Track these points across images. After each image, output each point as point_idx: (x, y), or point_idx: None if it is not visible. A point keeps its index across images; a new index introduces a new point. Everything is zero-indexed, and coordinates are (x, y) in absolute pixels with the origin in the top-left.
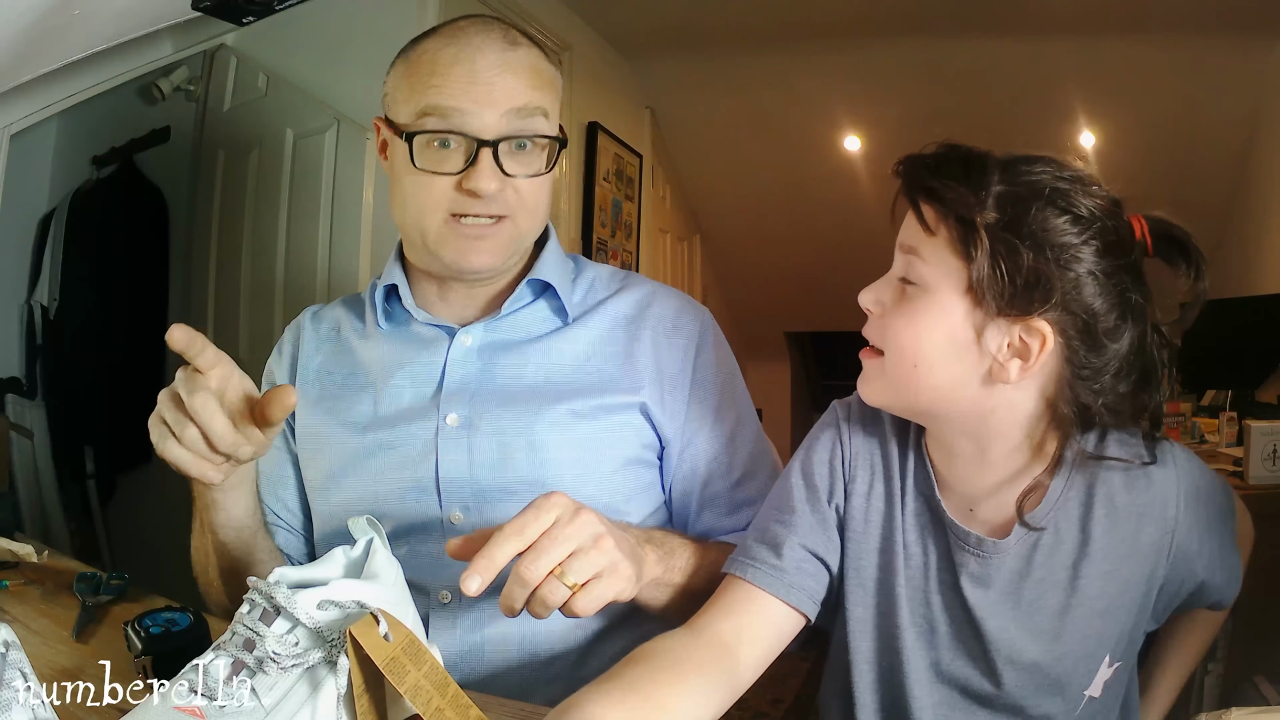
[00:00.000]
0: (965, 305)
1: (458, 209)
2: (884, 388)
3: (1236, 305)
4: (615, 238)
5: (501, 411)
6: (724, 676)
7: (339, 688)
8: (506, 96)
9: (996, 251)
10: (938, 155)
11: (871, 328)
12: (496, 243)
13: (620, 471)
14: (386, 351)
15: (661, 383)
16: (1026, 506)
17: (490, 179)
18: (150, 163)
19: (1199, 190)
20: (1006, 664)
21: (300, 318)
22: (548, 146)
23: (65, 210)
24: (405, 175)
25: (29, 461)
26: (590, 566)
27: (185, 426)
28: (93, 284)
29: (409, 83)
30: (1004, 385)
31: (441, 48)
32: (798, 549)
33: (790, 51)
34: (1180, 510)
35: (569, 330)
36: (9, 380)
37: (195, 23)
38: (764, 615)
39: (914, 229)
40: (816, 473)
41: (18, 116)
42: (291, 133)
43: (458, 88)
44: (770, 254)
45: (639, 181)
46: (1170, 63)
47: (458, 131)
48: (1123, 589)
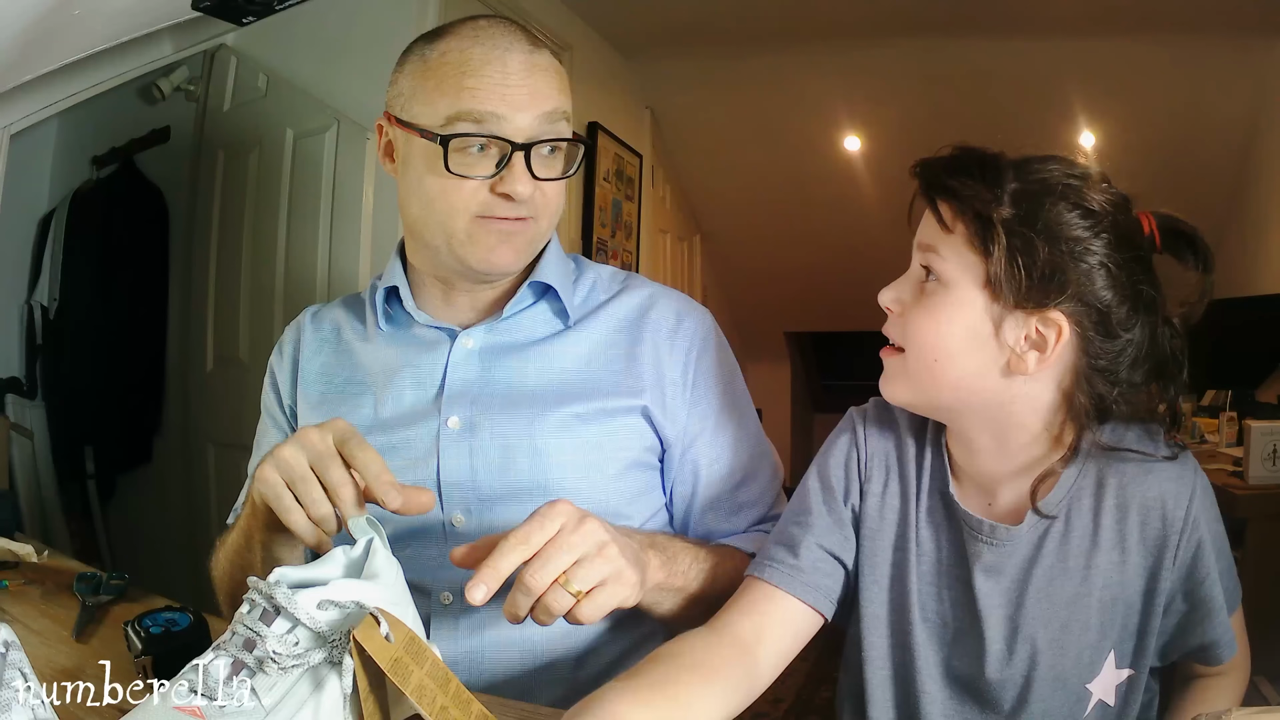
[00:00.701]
0: (984, 299)
1: (487, 211)
2: (906, 384)
3: (1236, 305)
4: (615, 238)
5: (503, 415)
6: (744, 676)
7: (344, 687)
8: (538, 100)
9: (1013, 245)
10: (953, 156)
11: (892, 326)
12: (521, 242)
13: (622, 475)
14: (388, 354)
15: (663, 386)
16: (1040, 493)
17: (526, 182)
18: (150, 163)
19: (1199, 190)
20: (1012, 656)
21: (300, 318)
22: (568, 149)
23: (65, 210)
24: (428, 176)
25: (29, 461)
26: (595, 574)
27: (320, 506)
28: (93, 284)
29: (435, 83)
30: (1022, 377)
31: (468, 47)
32: (815, 549)
33: (790, 51)
34: (1192, 514)
35: (570, 333)
36: (9, 380)
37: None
38: (782, 614)
39: (932, 227)
40: (833, 474)
41: (18, 116)
42: (291, 133)
43: (493, 91)
44: (770, 254)
45: (639, 181)
46: (1170, 63)
47: (495, 136)
48: (1128, 580)
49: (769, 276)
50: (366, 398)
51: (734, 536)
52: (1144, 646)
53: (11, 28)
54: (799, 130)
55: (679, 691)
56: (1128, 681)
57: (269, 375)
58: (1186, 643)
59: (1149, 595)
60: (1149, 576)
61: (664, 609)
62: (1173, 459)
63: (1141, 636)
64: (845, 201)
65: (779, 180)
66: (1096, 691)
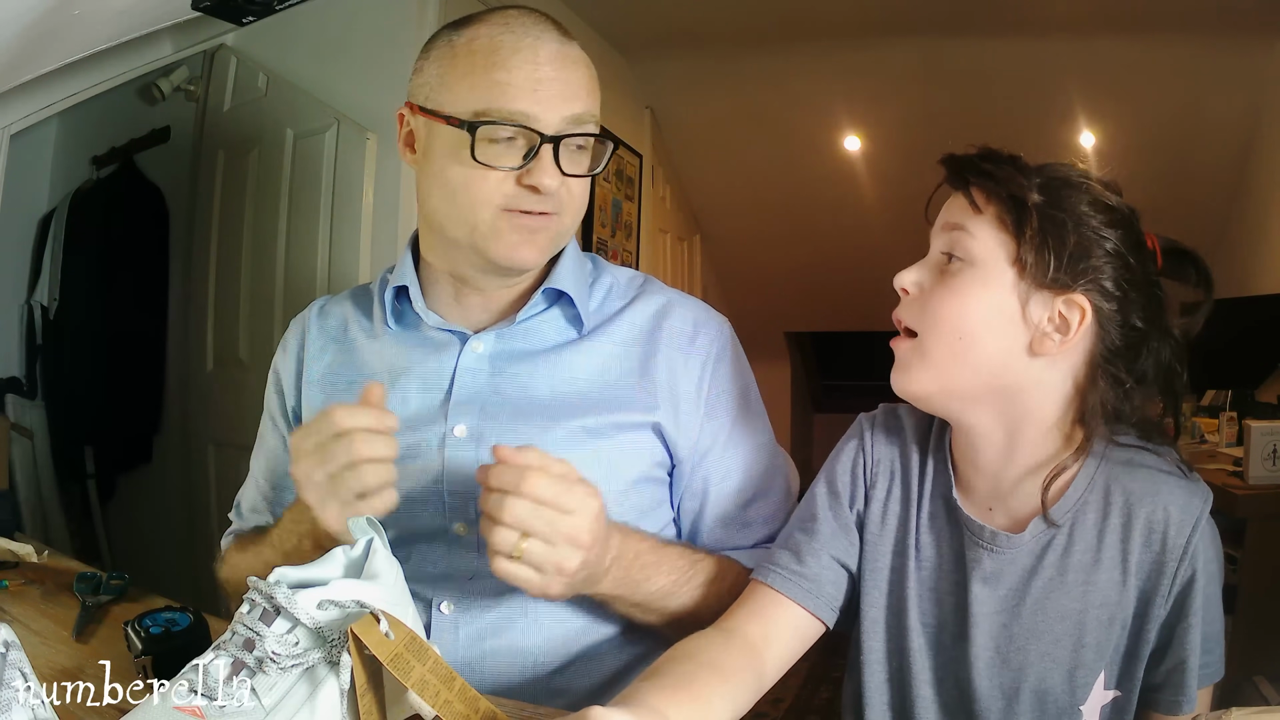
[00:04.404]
0: (1012, 275)
1: (513, 204)
2: (923, 370)
3: (1236, 305)
4: (615, 238)
5: (511, 425)
6: (753, 677)
7: (342, 685)
8: (570, 94)
9: (1044, 227)
10: (981, 151)
11: (908, 308)
12: (545, 238)
13: (630, 490)
14: (394, 353)
15: (676, 402)
16: (1051, 493)
17: (554, 175)
18: (150, 163)
19: (1199, 190)
20: (1006, 668)
21: (307, 312)
22: (595, 147)
23: (65, 210)
24: (453, 166)
25: (29, 461)
26: (542, 555)
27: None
28: (93, 284)
29: (463, 71)
30: (1041, 363)
31: (498, 34)
32: (820, 555)
33: (790, 51)
34: (1193, 544)
35: (583, 343)
36: (9, 380)
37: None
38: (787, 620)
39: (960, 209)
40: (839, 480)
41: (18, 116)
42: (291, 133)
43: (525, 82)
44: (770, 254)
45: (639, 181)
46: (1170, 63)
47: (524, 126)
48: (1126, 600)
49: (769, 276)
50: None
51: (739, 551)
52: (1132, 671)
53: (11, 28)
54: (799, 130)
55: (700, 689)
56: (1112, 704)
57: (273, 375)
58: (1151, 676)
59: (1140, 619)
60: (1143, 600)
61: (643, 623)
62: (1184, 477)
63: (1130, 660)
64: (845, 201)
65: (779, 180)
66: (1086, 712)
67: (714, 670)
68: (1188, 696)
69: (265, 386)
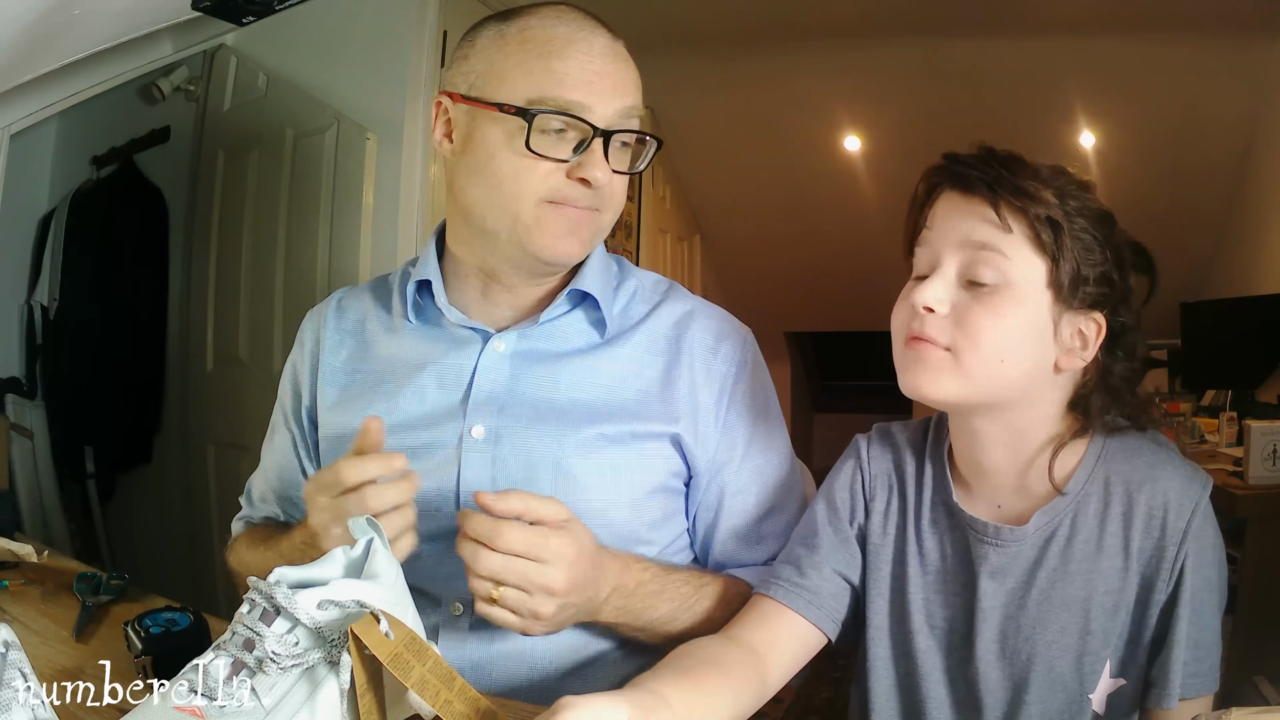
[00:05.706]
0: (1049, 298)
1: (557, 196)
2: (957, 381)
3: (1236, 305)
4: (615, 237)
5: (530, 428)
6: (756, 680)
7: (342, 685)
8: (622, 90)
9: (1078, 252)
10: (993, 154)
11: (938, 326)
12: (587, 233)
13: (646, 499)
14: (413, 348)
15: (696, 413)
16: (1056, 466)
17: (605, 169)
18: (150, 163)
19: (1199, 190)
20: (1015, 660)
21: (324, 306)
22: (634, 146)
23: (65, 210)
24: (501, 154)
25: (29, 461)
26: (517, 602)
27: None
28: (93, 284)
29: (516, 60)
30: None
31: (551, 25)
32: (821, 568)
33: (790, 51)
34: (1192, 528)
35: (606, 348)
36: (9, 380)
37: (195, 23)
38: (789, 630)
39: (985, 226)
40: (839, 497)
41: (18, 116)
42: (291, 133)
43: (581, 73)
44: (770, 254)
45: (639, 181)
46: (1170, 63)
47: (580, 118)
48: (1129, 587)
49: (769, 276)
50: (385, 395)
51: (747, 570)
52: (1135, 656)
53: (11, 28)
54: (799, 130)
55: (703, 681)
56: (1118, 691)
57: (289, 371)
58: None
59: (1142, 605)
60: (1145, 585)
61: (644, 642)
62: (1182, 462)
63: (1134, 646)
64: (845, 202)
65: (779, 180)
66: (1094, 701)
67: (717, 665)
68: (1170, 691)
69: (265, 386)
